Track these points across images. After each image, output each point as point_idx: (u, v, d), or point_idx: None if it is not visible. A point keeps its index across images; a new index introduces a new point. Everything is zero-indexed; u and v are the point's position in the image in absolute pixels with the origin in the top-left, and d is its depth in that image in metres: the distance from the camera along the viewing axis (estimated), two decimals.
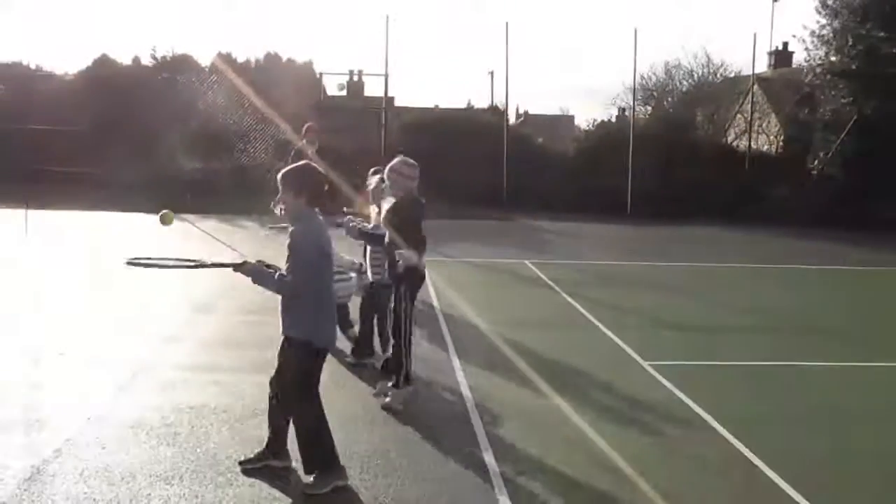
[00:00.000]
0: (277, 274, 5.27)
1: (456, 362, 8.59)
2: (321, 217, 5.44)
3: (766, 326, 11.14)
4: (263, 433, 6.23)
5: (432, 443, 6.36)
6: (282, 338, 5.49)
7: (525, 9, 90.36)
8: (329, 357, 5.69)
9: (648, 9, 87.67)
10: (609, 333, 10.10)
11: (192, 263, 5.49)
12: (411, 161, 7.51)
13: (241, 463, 5.67)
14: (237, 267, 5.35)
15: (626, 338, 9.81)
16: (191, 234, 7.08)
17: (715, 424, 6.98)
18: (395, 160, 7.51)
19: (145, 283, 11.47)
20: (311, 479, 5.44)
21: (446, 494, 5.49)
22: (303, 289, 5.22)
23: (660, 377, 8.31)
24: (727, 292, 13.60)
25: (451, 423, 6.84)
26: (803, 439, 6.84)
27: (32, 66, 26.68)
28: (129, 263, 5.55)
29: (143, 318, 9.96)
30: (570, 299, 12.09)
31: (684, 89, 29.65)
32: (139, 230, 16.06)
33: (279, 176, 5.38)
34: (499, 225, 22.09)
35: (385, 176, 7.69)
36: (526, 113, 41.08)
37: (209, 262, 5.49)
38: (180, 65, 26.78)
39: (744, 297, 13.29)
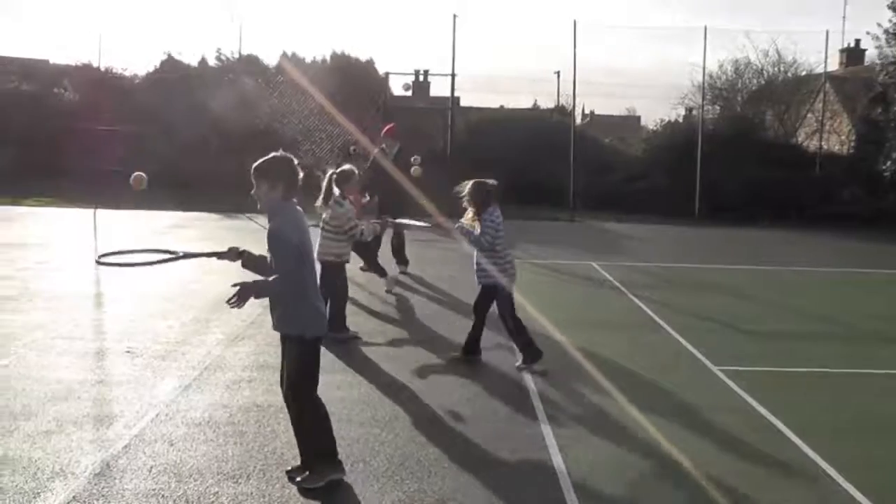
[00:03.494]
0: (272, 278, 5.12)
1: (521, 362, 8.47)
2: (298, 208, 5.32)
3: (838, 333, 10.80)
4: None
5: (499, 443, 6.26)
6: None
7: (593, 7, 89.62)
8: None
9: (718, 7, 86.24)
10: (677, 337, 9.88)
11: (170, 256, 5.43)
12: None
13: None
14: (220, 256, 5.39)
15: (695, 341, 9.59)
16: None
17: (787, 432, 6.75)
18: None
19: (214, 281, 11.61)
20: (308, 473, 5.38)
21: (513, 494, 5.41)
22: (295, 282, 5.10)
23: (730, 382, 8.08)
24: (798, 296, 13.23)
25: (519, 425, 6.74)
26: (880, 449, 6.57)
27: (102, 69, 27.17)
28: (98, 262, 5.47)
29: (211, 317, 10.03)
30: (637, 301, 11.89)
31: (754, 88, 29.01)
32: (205, 230, 16.26)
33: (252, 169, 5.20)
34: (565, 226, 21.91)
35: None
36: (592, 113, 40.71)
37: (182, 253, 5.44)
38: (246, 65, 27.09)
39: (815, 301, 12.93)
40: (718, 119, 28.08)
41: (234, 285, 5.08)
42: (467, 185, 8.34)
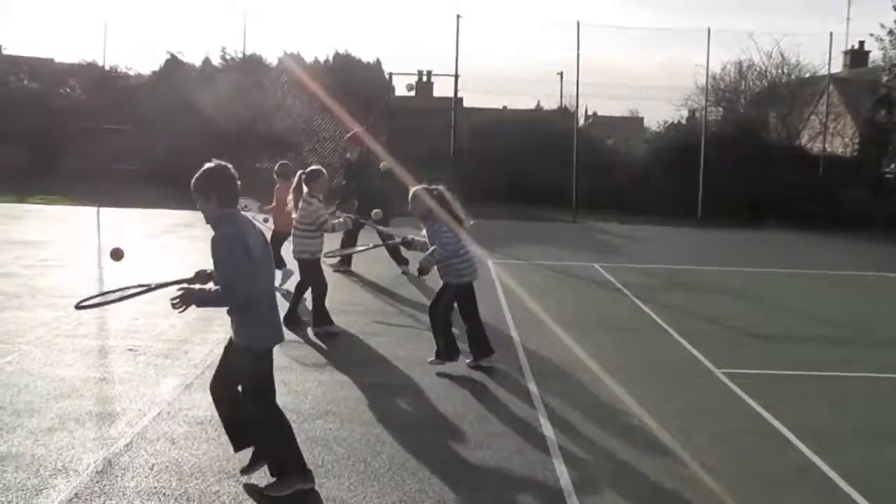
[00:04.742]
0: (214, 289, 5.10)
1: (525, 365, 8.50)
2: (246, 215, 5.29)
3: (840, 336, 10.81)
4: (330, 432, 6.28)
5: (501, 447, 6.28)
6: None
7: (597, 8, 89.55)
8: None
9: (722, 8, 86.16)
10: (679, 339, 9.89)
11: (142, 289, 5.40)
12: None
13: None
14: (190, 281, 5.32)
15: (698, 344, 9.59)
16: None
17: (789, 434, 6.77)
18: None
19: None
20: (275, 480, 5.33)
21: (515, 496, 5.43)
22: (240, 284, 4.99)
23: (732, 385, 8.08)
24: (800, 299, 13.23)
25: (520, 426, 6.75)
26: (880, 453, 6.58)
27: (107, 68, 27.22)
28: (78, 307, 5.51)
29: (213, 315, 10.03)
30: (639, 303, 11.89)
31: (757, 90, 28.97)
32: (209, 228, 16.26)
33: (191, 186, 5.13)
34: (568, 227, 21.93)
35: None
36: (595, 114, 40.66)
37: (154, 285, 5.38)
38: (249, 65, 27.12)
39: (817, 304, 12.93)
40: (721, 121, 28.05)
41: (180, 289, 5.07)
42: (412, 197, 8.26)
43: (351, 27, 64.35)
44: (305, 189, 9.43)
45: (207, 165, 5.18)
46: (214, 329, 9.33)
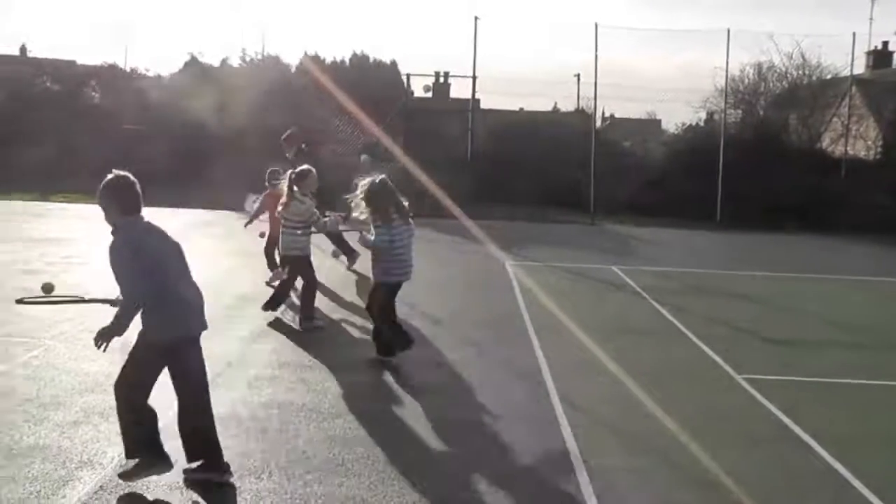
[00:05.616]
0: (118, 307, 5.28)
1: (544, 367, 8.53)
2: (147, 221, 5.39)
3: (861, 342, 10.72)
4: (349, 431, 6.35)
5: (525, 445, 6.34)
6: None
7: (615, 10, 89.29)
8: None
9: (741, 8, 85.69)
10: (699, 343, 9.87)
11: (75, 298, 5.52)
12: None
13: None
14: (112, 303, 5.53)
15: (717, 349, 9.56)
16: None
17: (811, 441, 6.75)
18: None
19: (236, 279, 11.75)
20: (132, 463, 5.36)
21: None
22: (141, 297, 5.23)
23: (753, 391, 8.06)
24: (821, 304, 13.16)
25: (540, 428, 6.79)
26: None
27: (128, 69, 27.48)
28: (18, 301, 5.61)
29: (233, 314, 10.15)
30: (658, 307, 11.89)
31: (777, 91, 28.78)
32: (229, 227, 16.38)
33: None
34: (585, 229, 21.93)
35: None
36: (612, 116, 40.58)
37: (87, 298, 5.56)
38: (268, 66, 27.25)
39: (838, 310, 12.85)
40: (740, 123, 27.90)
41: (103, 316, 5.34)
42: (359, 190, 8.31)
43: (368, 28, 64.51)
44: (295, 188, 9.73)
45: (109, 177, 5.32)
46: (234, 327, 9.43)
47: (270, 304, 10.06)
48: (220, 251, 13.41)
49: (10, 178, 22.02)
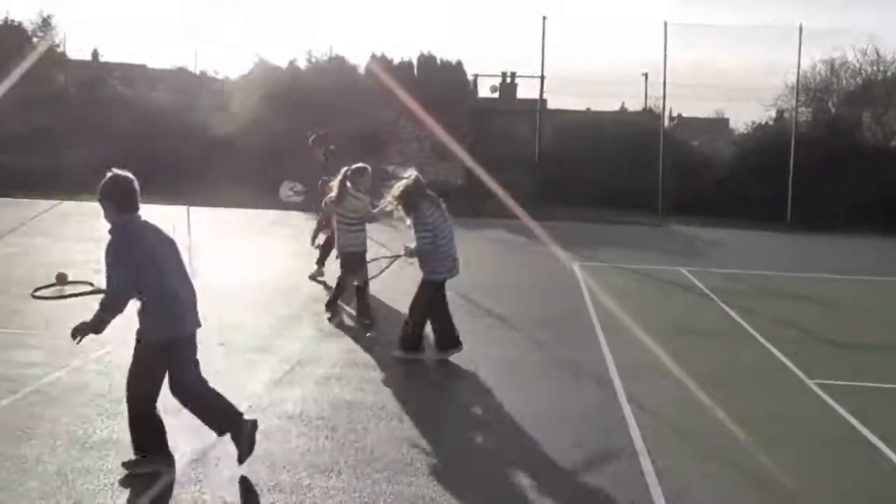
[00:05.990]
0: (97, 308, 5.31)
1: (612, 368, 8.43)
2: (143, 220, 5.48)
3: None
4: (417, 431, 6.33)
5: (592, 447, 6.27)
6: None
7: (682, 7, 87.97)
8: None
9: (814, 3, 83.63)
10: (769, 347, 9.65)
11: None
12: None
13: None
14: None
15: (788, 353, 9.32)
16: None
17: (888, 451, 6.53)
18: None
19: (306, 280, 11.88)
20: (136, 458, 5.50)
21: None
22: (125, 294, 5.28)
23: (826, 397, 7.83)
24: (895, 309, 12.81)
25: (607, 429, 6.71)
26: None
27: (197, 72, 27.95)
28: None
29: (302, 313, 10.24)
30: (727, 309, 11.67)
31: (850, 88, 28.05)
32: (298, 227, 16.54)
33: None
34: (653, 231, 21.65)
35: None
36: (679, 115, 40.02)
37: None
38: (335, 67, 27.46)
39: None
40: (811, 121, 27.26)
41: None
42: (393, 190, 8.34)
43: (436, 29, 64.60)
44: (349, 184, 9.82)
45: (108, 175, 5.48)
46: (304, 326, 9.52)
47: (331, 305, 10.13)
48: (290, 251, 13.54)
49: (82, 180, 22.53)
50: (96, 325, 5.35)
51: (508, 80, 28.82)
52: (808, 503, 5.49)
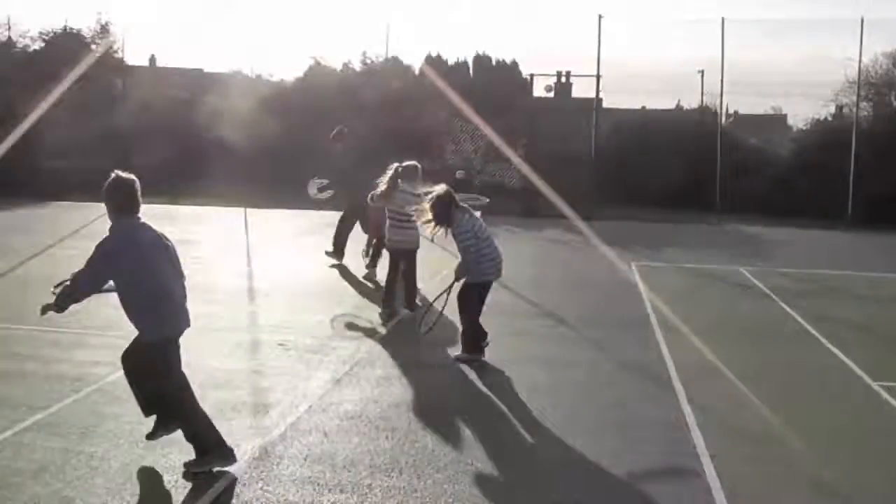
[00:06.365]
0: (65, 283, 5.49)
1: (671, 369, 8.31)
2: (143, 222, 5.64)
3: None
4: (478, 432, 6.30)
5: (652, 450, 6.16)
6: None
7: (738, 3, 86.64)
8: None
9: None
10: (832, 348, 9.41)
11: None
12: None
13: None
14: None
15: (852, 354, 9.06)
16: None
17: None
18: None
19: (362, 280, 11.91)
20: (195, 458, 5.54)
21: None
22: (86, 292, 5.47)
23: (891, 399, 7.61)
24: None
25: (669, 430, 6.60)
26: None
27: (252, 75, 28.25)
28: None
29: (360, 314, 10.26)
30: (789, 309, 11.43)
31: None
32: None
33: None
34: (711, 230, 21.34)
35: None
36: (736, 113, 39.38)
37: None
38: (390, 68, 27.55)
39: None
40: (873, 116, 26.59)
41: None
42: (426, 203, 8.23)
43: (490, 28, 64.28)
44: (400, 181, 9.97)
45: (112, 175, 5.64)
46: (362, 327, 9.54)
47: (408, 303, 10.16)
48: (348, 252, 13.58)
49: (145, 182, 22.90)
50: (60, 305, 5.54)
51: (563, 79, 28.62)
52: None
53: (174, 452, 5.74)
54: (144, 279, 5.49)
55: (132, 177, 5.66)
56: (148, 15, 56.36)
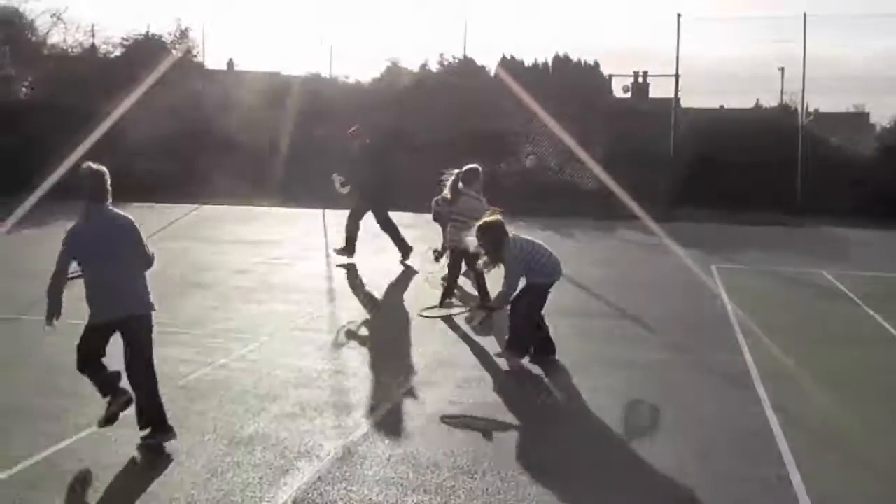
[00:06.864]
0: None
1: (754, 373, 8.12)
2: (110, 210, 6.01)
3: None
4: (560, 434, 6.27)
5: (736, 458, 6.04)
6: None
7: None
8: None
9: None
10: None
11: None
12: None
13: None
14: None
15: None
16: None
17: None
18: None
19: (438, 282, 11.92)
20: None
21: None
22: (57, 266, 5.87)
23: None
24: None
25: (752, 438, 6.45)
26: None
27: (328, 77, 28.53)
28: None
29: (439, 317, 10.25)
30: (875, 315, 11.06)
31: None
32: (426, 229, 16.65)
33: None
34: (791, 231, 20.84)
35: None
36: (816, 111, 38.44)
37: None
38: (467, 69, 27.58)
39: None
40: None
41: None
42: (479, 233, 8.06)
43: (570, 29, 63.88)
44: (462, 185, 10.13)
45: (84, 167, 6.03)
46: (441, 328, 9.53)
47: (441, 300, 10.36)
48: (420, 252, 13.63)
49: (220, 184, 23.32)
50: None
51: (640, 79, 28.37)
52: None
53: (258, 450, 5.83)
54: (83, 265, 5.93)
55: (102, 168, 6.03)
56: (226, 19, 57.42)
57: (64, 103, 24.62)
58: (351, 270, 13.20)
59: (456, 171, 10.28)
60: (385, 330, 9.47)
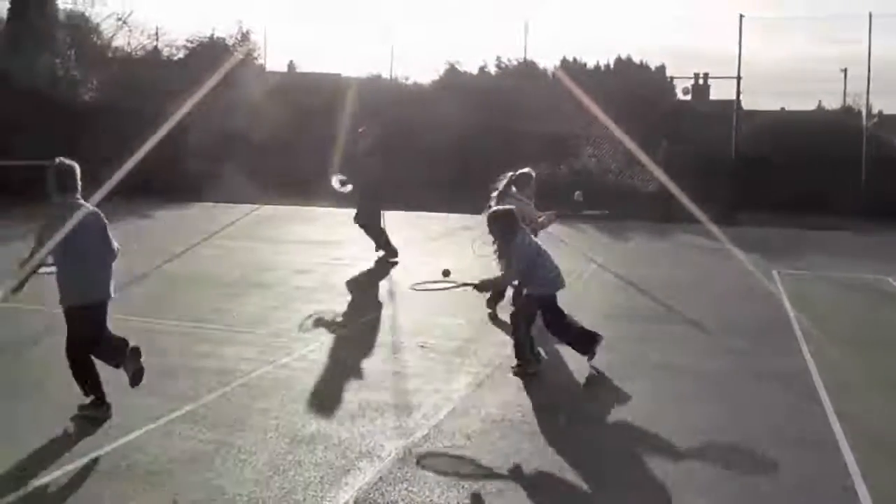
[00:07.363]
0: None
1: (817, 382, 7.98)
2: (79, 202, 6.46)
3: None
4: (612, 440, 6.26)
5: (799, 468, 5.95)
6: None
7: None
8: None
9: None
10: None
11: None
12: None
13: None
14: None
15: None
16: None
17: None
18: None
19: None
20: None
21: None
22: (36, 256, 6.26)
23: None
24: None
25: (817, 448, 6.34)
26: None
27: (389, 78, 28.72)
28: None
29: (500, 316, 10.26)
30: None
31: None
32: (482, 231, 16.70)
33: None
34: (854, 236, 20.44)
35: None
36: (880, 113, 37.55)
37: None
38: (525, 71, 27.56)
39: None
40: None
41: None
42: (490, 221, 8.10)
43: (632, 31, 63.39)
44: (514, 189, 10.01)
45: (56, 161, 6.53)
46: (501, 330, 9.54)
47: (489, 302, 10.41)
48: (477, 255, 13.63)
49: (283, 185, 23.62)
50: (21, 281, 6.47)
51: (701, 81, 28.08)
52: None
53: (320, 449, 5.90)
54: (71, 247, 6.29)
55: (72, 162, 6.52)
56: (287, 22, 58.09)
57: (127, 106, 25.14)
58: (409, 271, 13.26)
59: (510, 174, 10.22)
60: (444, 331, 9.50)
